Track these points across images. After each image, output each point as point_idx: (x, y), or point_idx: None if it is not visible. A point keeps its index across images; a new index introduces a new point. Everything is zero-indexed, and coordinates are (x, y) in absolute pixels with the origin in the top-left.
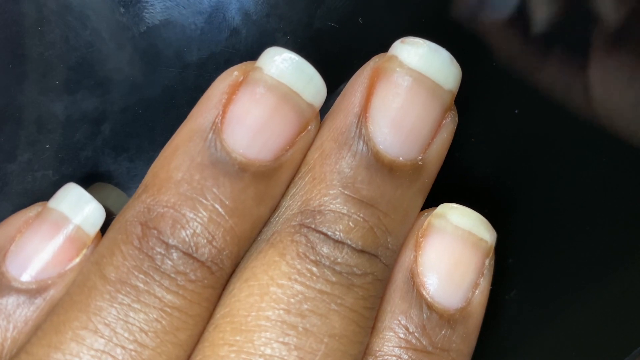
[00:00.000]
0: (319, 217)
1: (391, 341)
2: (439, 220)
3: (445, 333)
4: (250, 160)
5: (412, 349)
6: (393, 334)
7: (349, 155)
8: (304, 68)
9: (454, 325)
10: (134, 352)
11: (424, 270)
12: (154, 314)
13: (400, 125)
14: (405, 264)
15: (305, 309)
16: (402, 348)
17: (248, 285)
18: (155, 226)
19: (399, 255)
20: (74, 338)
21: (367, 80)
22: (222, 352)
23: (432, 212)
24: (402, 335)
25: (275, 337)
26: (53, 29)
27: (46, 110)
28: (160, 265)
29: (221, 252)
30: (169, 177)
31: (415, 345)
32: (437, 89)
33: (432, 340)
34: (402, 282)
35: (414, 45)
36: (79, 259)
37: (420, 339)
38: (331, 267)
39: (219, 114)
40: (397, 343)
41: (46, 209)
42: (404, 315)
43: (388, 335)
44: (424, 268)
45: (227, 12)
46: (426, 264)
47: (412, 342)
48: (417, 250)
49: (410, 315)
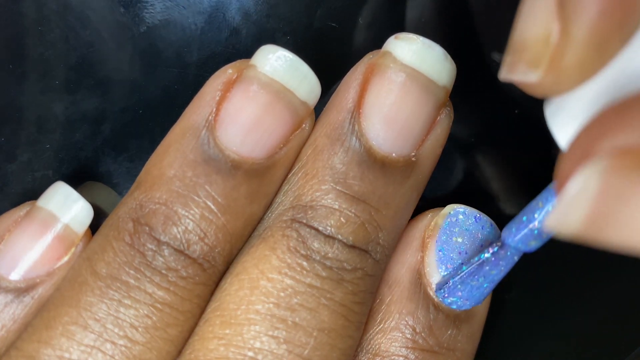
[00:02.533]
0: (310, 212)
1: (398, 341)
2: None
3: (452, 333)
4: (243, 158)
5: (419, 349)
6: (400, 334)
7: (341, 151)
8: (298, 66)
9: (460, 325)
10: (124, 348)
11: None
12: (145, 309)
13: (393, 121)
14: (412, 264)
15: (295, 302)
16: (409, 348)
17: (238, 279)
18: (147, 222)
19: (404, 257)
20: (64, 333)
21: (361, 77)
22: (211, 345)
23: (438, 212)
24: (409, 335)
25: (264, 330)
26: (53, 29)
27: (46, 110)
28: (151, 261)
29: (213, 249)
30: (162, 174)
31: (423, 345)
32: (430, 85)
33: (439, 340)
34: (409, 283)
35: (408, 41)
36: (67, 257)
37: (427, 339)
38: (321, 262)
39: (212, 112)
40: (404, 343)
41: (35, 208)
42: (412, 316)
43: (395, 336)
44: (431, 268)
45: (227, 12)
46: (431, 265)
47: (419, 342)
48: (423, 251)
49: (417, 316)
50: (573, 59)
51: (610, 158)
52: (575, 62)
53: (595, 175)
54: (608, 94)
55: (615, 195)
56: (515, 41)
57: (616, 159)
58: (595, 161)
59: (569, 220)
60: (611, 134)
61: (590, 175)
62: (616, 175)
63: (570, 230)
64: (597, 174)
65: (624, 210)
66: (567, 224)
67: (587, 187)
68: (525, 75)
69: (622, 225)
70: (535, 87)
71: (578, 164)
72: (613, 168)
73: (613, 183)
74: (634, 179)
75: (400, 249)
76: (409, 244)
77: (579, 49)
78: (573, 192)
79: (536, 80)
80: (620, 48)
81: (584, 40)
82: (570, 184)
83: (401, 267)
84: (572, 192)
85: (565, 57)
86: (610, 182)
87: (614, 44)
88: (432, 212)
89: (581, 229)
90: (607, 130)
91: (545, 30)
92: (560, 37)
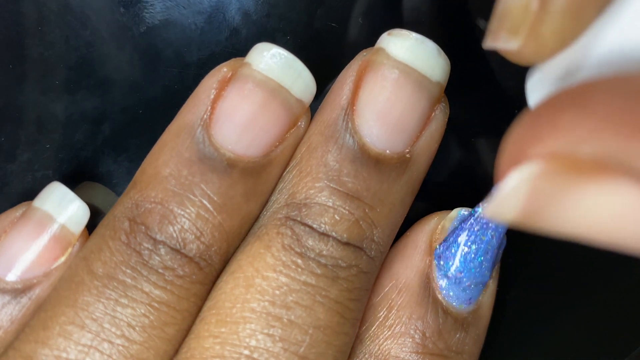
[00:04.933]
0: (304, 209)
1: (408, 346)
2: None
3: (460, 336)
4: (239, 156)
5: (429, 354)
6: (410, 339)
7: (335, 148)
8: (293, 63)
9: (467, 328)
10: (121, 347)
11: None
12: (142, 308)
13: (386, 118)
14: (420, 268)
15: (290, 300)
16: (419, 353)
17: (234, 278)
18: (143, 222)
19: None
20: (62, 333)
21: (355, 74)
22: (207, 344)
23: (444, 215)
24: (419, 340)
25: (260, 328)
26: (53, 29)
27: (46, 110)
28: (147, 260)
29: (209, 248)
30: (157, 172)
31: (432, 349)
32: (424, 81)
33: (448, 344)
34: (417, 287)
35: (400, 37)
36: (64, 257)
37: (437, 343)
38: (316, 260)
39: (208, 110)
40: (414, 348)
41: (31, 208)
42: (421, 321)
43: (405, 341)
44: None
45: (227, 12)
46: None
47: (429, 347)
48: (431, 255)
49: (427, 320)
50: (550, 27)
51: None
52: (552, 30)
53: (525, 177)
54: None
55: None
56: (498, 9)
57: (545, 163)
58: (527, 165)
59: (504, 211)
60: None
61: (522, 177)
62: (544, 178)
63: (505, 219)
64: (528, 175)
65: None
66: (502, 214)
67: (519, 187)
68: (506, 42)
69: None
70: (516, 55)
71: (515, 162)
72: (542, 171)
73: (541, 185)
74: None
75: (408, 253)
76: (416, 248)
77: (556, 18)
78: (507, 190)
79: (516, 48)
80: (596, 16)
81: (562, 8)
82: (506, 181)
83: (410, 271)
84: (506, 190)
85: (544, 25)
86: (538, 184)
87: (590, 12)
88: (438, 215)
89: (514, 219)
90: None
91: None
92: (539, 5)
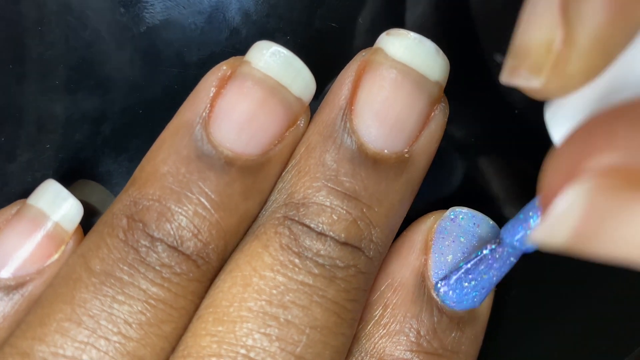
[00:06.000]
0: (302, 209)
1: (403, 345)
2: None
3: (455, 335)
4: (237, 154)
5: (423, 352)
6: (405, 337)
7: (333, 148)
8: (292, 62)
9: (464, 328)
10: (117, 344)
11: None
12: (139, 306)
13: (384, 117)
14: (415, 267)
15: (287, 300)
16: (413, 352)
17: (231, 277)
18: (141, 219)
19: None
20: (58, 330)
21: (354, 74)
22: (204, 342)
23: (440, 214)
24: (413, 338)
25: (257, 327)
26: (53, 29)
27: (46, 110)
28: (145, 257)
29: (207, 245)
30: (155, 170)
31: (427, 348)
32: (422, 81)
33: (443, 343)
34: (413, 286)
35: (399, 37)
36: (57, 255)
37: (432, 342)
38: (314, 259)
39: (206, 108)
40: (408, 346)
41: (25, 206)
42: (416, 319)
43: (400, 339)
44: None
45: (227, 12)
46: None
47: (424, 346)
48: (427, 253)
49: (421, 319)
50: (577, 66)
51: (597, 177)
52: (579, 69)
53: (582, 194)
54: (605, 95)
55: (601, 213)
56: (517, 45)
57: (603, 178)
58: (583, 180)
59: (555, 236)
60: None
61: (578, 194)
62: (603, 194)
63: (555, 245)
64: (585, 192)
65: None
66: (553, 240)
67: (574, 206)
68: (528, 80)
69: (607, 242)
70: (537, 92)
71: (565, 180)
72: (600, 187)
73: (600, 202)
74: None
75: (404, 252)
76: (412, 247)
77: (584, 56)
78: (560, 210)
79: (538, 86)
80: (623, 50)
81: (589, 47)
82: (558, 202)
83: (405, 270)
84: (560, 210)
85: (570, 64)
86: (597, 202)
87: (617, 48)
88: (435, 214)
89: (567, 244)
90: (593, 148)
91: (548, 36)
92: (564, 44)
